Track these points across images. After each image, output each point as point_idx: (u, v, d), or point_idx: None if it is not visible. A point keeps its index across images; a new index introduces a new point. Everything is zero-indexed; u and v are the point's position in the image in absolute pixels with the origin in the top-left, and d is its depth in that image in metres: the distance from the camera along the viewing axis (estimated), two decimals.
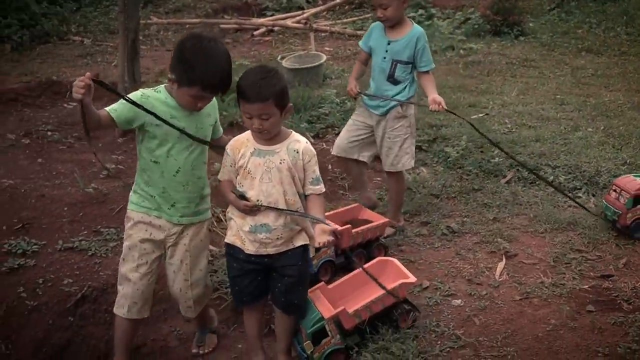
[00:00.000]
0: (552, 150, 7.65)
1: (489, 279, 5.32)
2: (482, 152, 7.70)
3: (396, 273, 4.84)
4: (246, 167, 4.15)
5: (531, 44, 13.59)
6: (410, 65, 5.78)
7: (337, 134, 8.05)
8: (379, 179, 7.40)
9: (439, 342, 4.51)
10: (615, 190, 6.05)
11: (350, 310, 4.52)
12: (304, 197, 4.26)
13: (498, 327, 4.67)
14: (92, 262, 5.58)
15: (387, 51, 5.76)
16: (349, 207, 6.00)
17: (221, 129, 4.49)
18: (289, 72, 10.38)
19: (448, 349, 4.44)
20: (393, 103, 5.78)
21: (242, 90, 4.03)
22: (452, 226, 6.18)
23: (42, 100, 10.07)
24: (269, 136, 4.13)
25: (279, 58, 11.23)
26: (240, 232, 4.26)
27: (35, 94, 10.24)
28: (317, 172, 4.25)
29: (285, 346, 4.62)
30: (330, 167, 7.43)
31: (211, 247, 5.50)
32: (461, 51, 12.80)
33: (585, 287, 5.12)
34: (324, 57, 10.94)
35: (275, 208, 4.14)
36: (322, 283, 4.87)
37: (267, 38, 15.02)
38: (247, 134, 4.22)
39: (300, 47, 13.32)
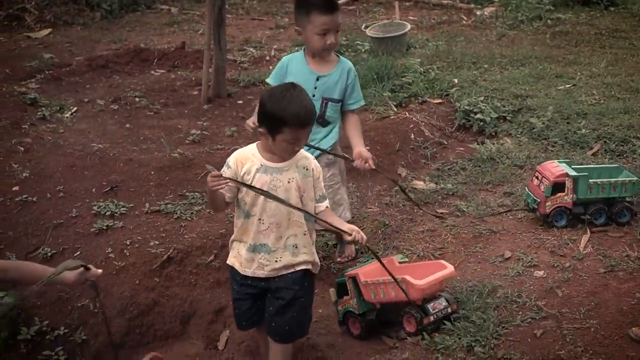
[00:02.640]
0: None
1: (572, 251, 5.24)
2: (568, 123, 7.56)
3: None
4: (251, 184, 3.89)
5: (621, 15, 13.21)
6: (340, 103, 5.05)
7: (421, 103, 8.06)
8: (461, 148, 7.37)
9: (520, 313, 4.49)
10: (537, 177, 5.72)
11: (363, 279, 4.57)
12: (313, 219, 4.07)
13: (581, 299, 4.60)
14: (177, 225, 5.71)
15: (316, 88, 4.94)
16: None
17: None
18: (373, 41, 10.35)
19: (529, 319, 4.41)
20: (322, 146, 5.04)
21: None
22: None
23: (130, 67, 10.27)
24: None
25: (363, 27, 11.19)
26: (239, 253, 4.06)
27: (124, 60, 10.46)
28: (324, 189, 4.11)
29: None
30: (412, 136, 7.40)
31: None
32: (549, 21, 12.53)
33: None
34: (408, 26, 10.86)
35: (249, 186, 3.86)
36: (394, 258, 4.88)
37: (351, 7, 14.97)
38: (253, 148, 3.97)
39: (384, 16, 13.24)
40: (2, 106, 7.93)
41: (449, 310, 4.56)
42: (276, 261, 3.96)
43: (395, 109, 7.99)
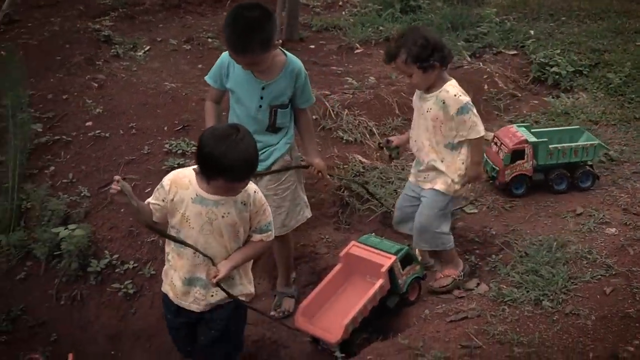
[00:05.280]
0: None
1: None
2: None
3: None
4: (185, 213, 3.63)
5: None
6: (290, 105, 4.46)
7: (496, 54, 7.93)
8: (535, 101, 7.24)
9: (590, 269, 4.41)
10: (495, 144, 5.52)
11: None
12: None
13: None
14: None
15: (262, 98, 4.32)
16: None
17: None
18: None
19: (599, 276, 4.33)
20: (277, 153, 4.48)
21: None
22: (610, 154, 5.99)
23: (203, 8, 10.25)
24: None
25: None
26: (173, 282, 3.81)
27: (197, 1, 10.44)
28: (266, 221, 3.76)
29: None
30: (486, 87, 7.30)
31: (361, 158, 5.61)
32: None
33: None
34: None
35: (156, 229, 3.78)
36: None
37: None
38: (191, 172, 3.64)
39: None
40: (77, 42, 8.00)
41: None
42: (212, 296, 3.76)
43: (469, 59, 7.89)
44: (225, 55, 4.35)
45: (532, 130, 5.63)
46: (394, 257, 4.48)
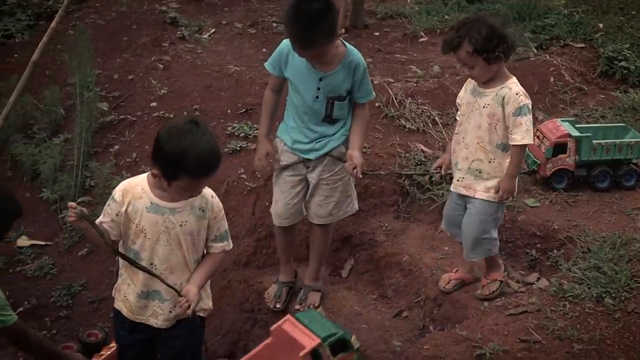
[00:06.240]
0: None
1: None
2: None
3: None
4: (139, 224, 3.48)
5: None
6: (349, 97, 4.33)
7: (563, 47, 7.80)
8: (602, 96, 7.12)
9: None
10: (537, 137, 5.39)
11: None
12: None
13: None
14: None
15: (319, 89, 4.24)
16: None
17: None
18: None
19: None
20: (332, 144, 4.37)
21: None
22: None
23: None
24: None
25: None
26: (126, 298, 3.65)
27: None
28: (225, 228, 3.67)
29: None
30: (552, 79, 7.18)
31: None
32: None
33: None
34: None
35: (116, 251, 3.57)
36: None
37: None
38: (143, 181, 3.52)
39: None
40: (144, 23, 8.09)
41: None
42: (170, 311, 3.60)
43: (535, 51, 7.77)
44: (285, 43, 4.25)
45: (577, 125, 5.55)
46: (318, 341, 3.67)
